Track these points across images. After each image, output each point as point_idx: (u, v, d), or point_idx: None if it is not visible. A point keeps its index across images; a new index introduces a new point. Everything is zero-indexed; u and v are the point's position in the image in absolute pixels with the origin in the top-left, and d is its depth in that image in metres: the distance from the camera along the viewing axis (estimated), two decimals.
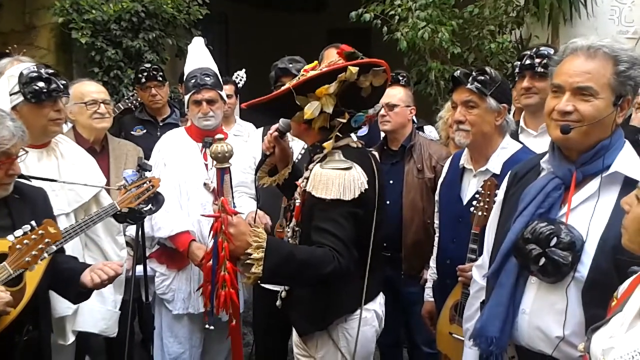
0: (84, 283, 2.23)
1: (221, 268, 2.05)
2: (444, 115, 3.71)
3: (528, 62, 2.87)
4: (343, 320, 2.12)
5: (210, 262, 2.22)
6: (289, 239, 2.16)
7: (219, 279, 2.07)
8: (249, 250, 1.88)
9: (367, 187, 2.00)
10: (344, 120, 2.06)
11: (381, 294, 2.28)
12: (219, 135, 2.28)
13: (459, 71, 2.60)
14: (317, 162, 2.08)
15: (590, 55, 1.71)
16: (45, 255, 2.05)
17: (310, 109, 2.01)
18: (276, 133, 2.30)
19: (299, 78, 2.08)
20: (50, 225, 2.05)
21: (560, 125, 1.71)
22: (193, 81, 3.19)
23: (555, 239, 1.67)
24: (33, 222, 2.02)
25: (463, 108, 2.52)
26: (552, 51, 2.91)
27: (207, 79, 3.18)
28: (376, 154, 2.32)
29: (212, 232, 2.05)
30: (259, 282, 1.92)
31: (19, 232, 2.00)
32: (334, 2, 8.08)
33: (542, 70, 2.83)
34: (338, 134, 2.08)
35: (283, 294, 2.24)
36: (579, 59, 1.72)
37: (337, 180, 1.96)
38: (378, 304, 2.24)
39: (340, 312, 2.11)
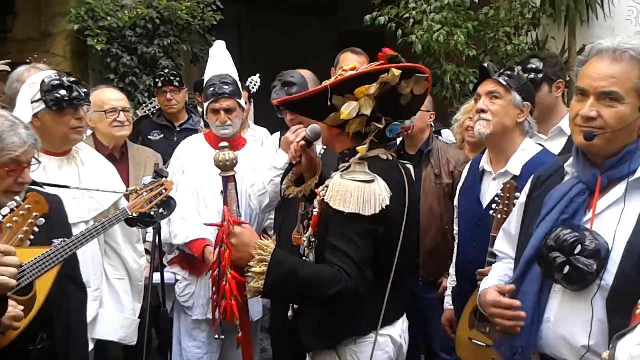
0: None
1: (223, 278, 1.99)
2: (460, 118, 3.69)
3: None
4: (352, 342, 1.98)
5: (217, 271, 2.13)
6: (305, 249, 2.04)
7: (221, 289, 2.01)
8: (251, 263, 1.81)
9: (388, 203, 1.86)
10: (381, 126, 1.94)
11: (404, 319, 2.12)
12: (223, 144, 2.25)
13: (487, 63, 2.61)
14: (339, 172, 1.96)
15: (616, 59, 1.66)
16: (36, 229, 1.94)
17: (348, 109, 1.88)
18: (303, 142, 2.21)
19: (337, 77, 1.95)
20: (35, 197, 1.96)
21: (583, 131, 1.68)
22: (212, 89, 3.18)
23: (579, 246, 1.63)
24: (18, 198, 1.92)
25: (487, 99, 2.52)
26: (541, 65, 2.91)
27: (226, 87, 3.17)
28: (411, 167, 2.20)
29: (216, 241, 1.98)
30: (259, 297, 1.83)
31: (5, 210, 1.88)
32: (346, 6, 8.08)
33: None
34: (374, 139, 1.97)
35: (295, 305, 2.14)
36: (604, 61, 1.68)
37: (356, 192, 1.83)
38: (398, 329, 2.07)
39: (350, 333, 1.98)
